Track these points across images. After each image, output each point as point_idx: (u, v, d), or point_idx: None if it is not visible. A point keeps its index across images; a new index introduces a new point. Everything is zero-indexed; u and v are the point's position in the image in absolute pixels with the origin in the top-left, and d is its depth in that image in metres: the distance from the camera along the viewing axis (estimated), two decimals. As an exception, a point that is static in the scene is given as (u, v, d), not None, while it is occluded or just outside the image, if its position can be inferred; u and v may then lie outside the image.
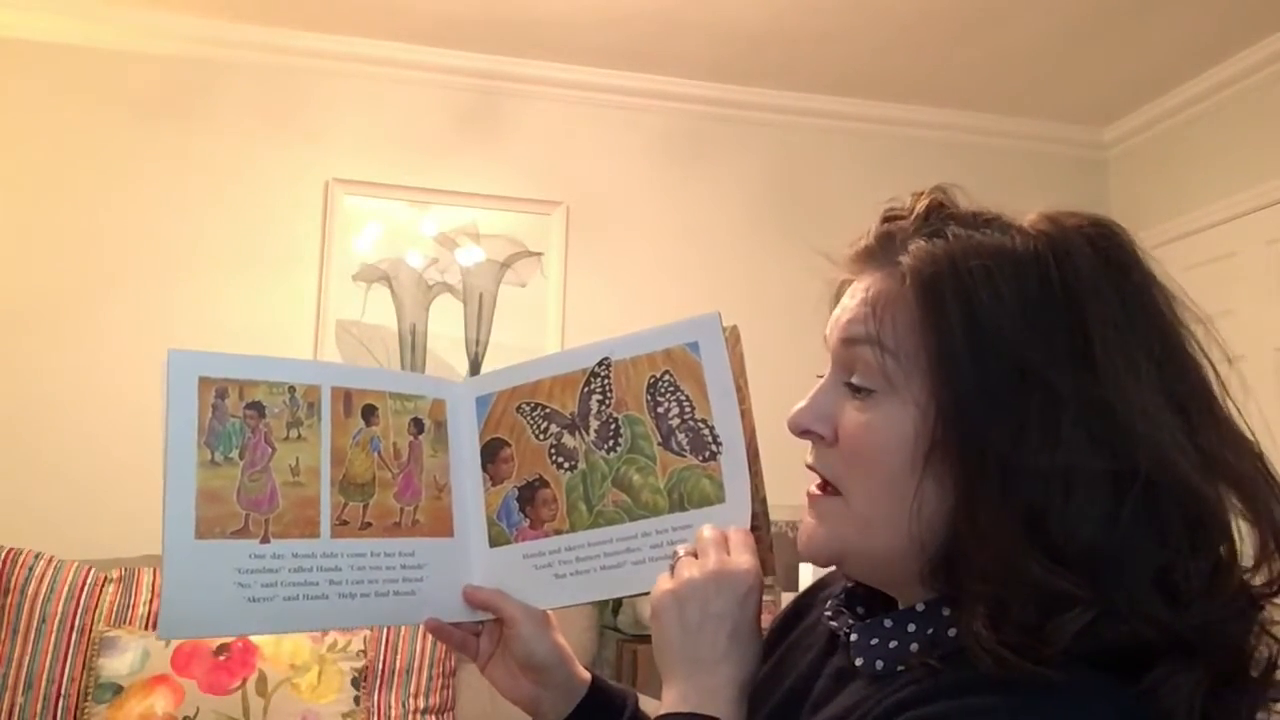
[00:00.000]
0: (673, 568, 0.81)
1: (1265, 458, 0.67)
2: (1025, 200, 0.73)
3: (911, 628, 0.70)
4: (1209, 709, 0.60)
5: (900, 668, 0.69)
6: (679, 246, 3.29)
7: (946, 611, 0.68)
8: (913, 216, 0.73)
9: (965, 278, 0.67)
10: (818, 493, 0.75)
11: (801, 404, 0.75)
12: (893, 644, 0.71)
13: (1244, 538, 0.65)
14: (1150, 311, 0.68)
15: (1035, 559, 0.62)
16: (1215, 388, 0.68)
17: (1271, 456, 0.68)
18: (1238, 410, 0.68)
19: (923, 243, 0.70)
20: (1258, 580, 0.65)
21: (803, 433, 0.75)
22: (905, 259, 0.70)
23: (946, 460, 0.66)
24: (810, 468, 0.76)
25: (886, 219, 0.75)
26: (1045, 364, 0.64)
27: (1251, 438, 0.68)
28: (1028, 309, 0.65)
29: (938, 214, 0.73)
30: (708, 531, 0.83)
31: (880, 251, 0.73)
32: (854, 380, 0.72)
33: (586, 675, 0.98)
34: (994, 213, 0.73)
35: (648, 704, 1.03)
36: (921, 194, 0.75)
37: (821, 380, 0.75)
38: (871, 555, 0.72)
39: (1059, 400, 0.63)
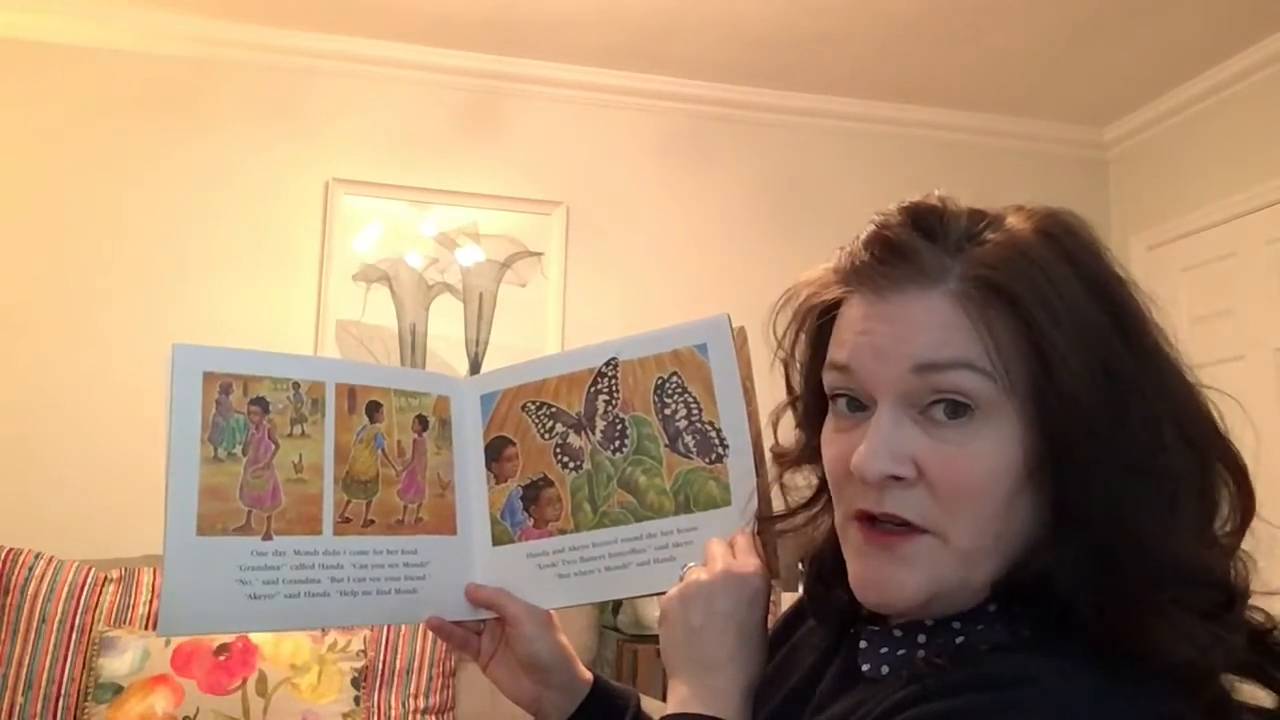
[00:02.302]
0: (682, 578, 0.81)
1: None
2: (1027, 201, 0.72)
3: (921, 638, 0.70)
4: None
5: (904, 672, 0.69)
6: (679, 246, 3.29)
7: (957, 625, 0.68)
8: (944, 221, 0.68)
9: (1039, 282, 0.64)
10: (893, 537, 0.67)
11: (865, 447, 0.66)
12: (901, 652, 0.71)
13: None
14: (1134, 294, 0.69)
15: (1195, 544, 0.63)
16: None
17: (1272, 456, 0.68)
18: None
19: (979, 250, 0.66)
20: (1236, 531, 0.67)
21: (882, 478, 0.66)
22: (977, 269, 0.65)
23: (1047, 472, 0.64)
24: (884, 514, 0.67)
25: (889, 226, 0.69)
26: (1118, 358, 0.64)
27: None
28: (1086, 305, 0.64)
29: (958, 216, 0.69)
30: (715, 543, 0.83)
31: (915, 263, 0.67)
32: (940, 413, 0.65)
33: (589, 675, 0.97)
34: (990, 212, 0.70)
35: (649, 704, 1.03)
36: (918, 201, 0.70)
37: (876, 416, 0.67)
38: (967, 589, 0.67)
39: (1141, 392, 0.64)
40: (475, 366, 3.10)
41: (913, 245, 0.67)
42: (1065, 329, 0.63)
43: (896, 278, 0.67)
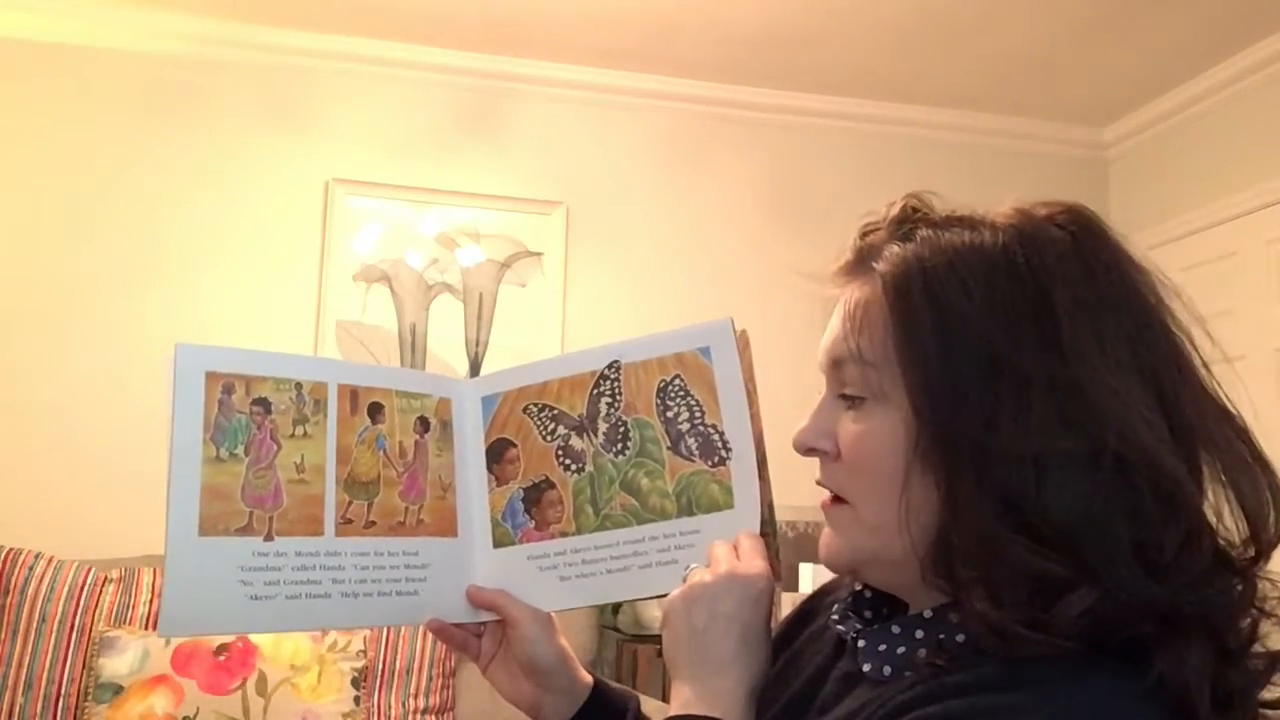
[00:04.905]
0: (685, 579, 0.81)
1: (1246, 427, 0.68)
2: (1026, 201, 0.74)
3: (919, 634, 0.70)
4: (1217, 691, 0.61)
5: (908, 672, 0.69)
6: (679, 246, 3.29)
7: (954, 617, 0.68)
8: (886, 224, 0.75)
9: (931, 275, 0.69)
10: (830, 503, 0.76)
11: (803, 424, 0.76)
12: (900, 649, 0.71)
13: (1231, 508, 0.66)
14: (1121, 288, 0.69)
15: (1016, 541, 0.63)
16: (1193, 358, 0.69)
17: (1272, 457, 0.68)
18: (1218, 385, 0.70)
19: (895, 248, 0.72)
20: (1250, 552, 0.65)
21: (807, 450, 0.76)
22: (878, 265, 0.72)
23: (930, 456, 0.67)
24: (819, 484, 0.77)
25: (864, 233, 0.77)
26: (1012, 350, 0.65)
27: (1233, 409, 0.69)
28: (994, 299, 0.67)
29: (910, 219, 0.74)
30: (718, 545, 0.84)
31: (859, 263, 0.75)
32: (846, 391, 0.74)
33: (589, 678, 0.97)
34: (966, 212, 0.74)
35: (650, 707, 1.03)
36: (895, 202, 0.76)
37: (820, 398, 0.77)
38: (889, 561, 0.72)
39: (1028, 384, 0.65)
40: (475, 367, 3.10)
41: (859, 244, 0.76)
42: (937, 320, 0.67)
43: (852, 269, 0.76)
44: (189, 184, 2.98)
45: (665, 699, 0.79)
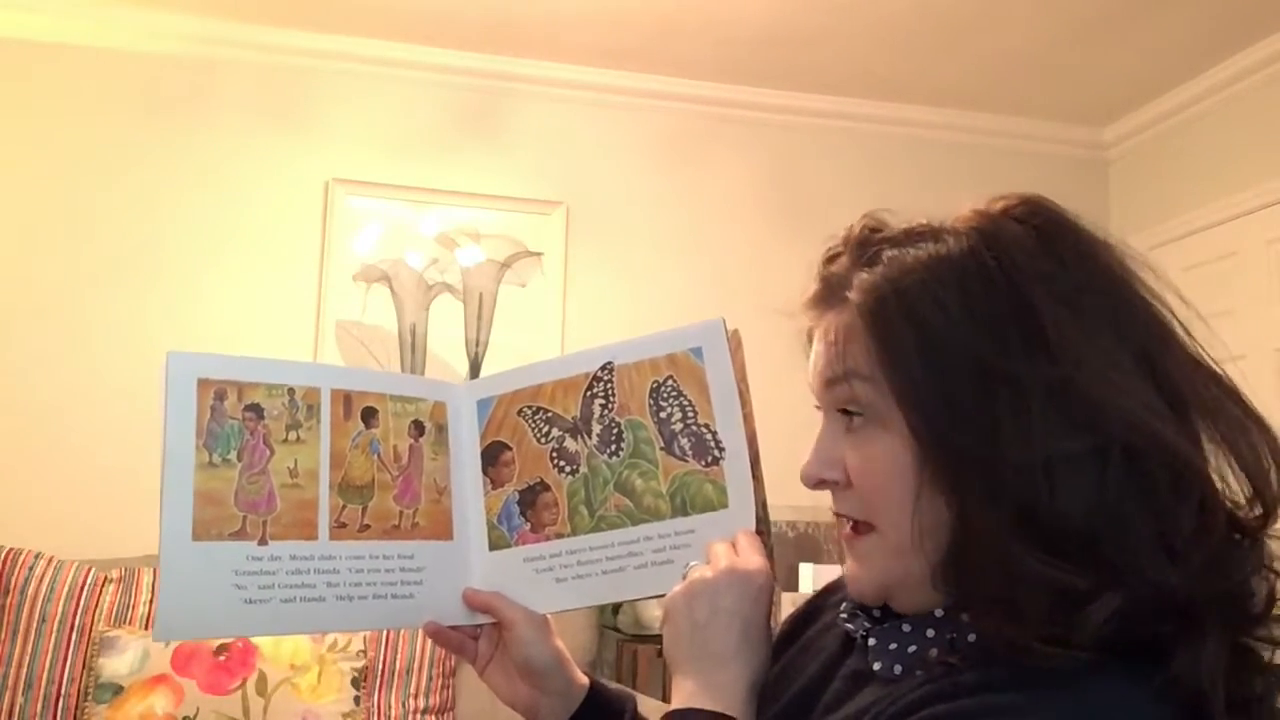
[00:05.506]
0: (685, 576, 0.82)
1: (1235, 386, 0.68)
2: None
3: (930, 633, 0.70)
4: (1230, 680, 0.61)
5: (919, 671, 0.69)
6: (679, 246, 3.29)
7: (965, 617, 0.68)
8: (848, 249, 0.74)
9: (906, 297, 0.68)
10: (852, 534, 0.75)
11: (807, 457, 0.75)
12: (912, 648, 0.71)
13: (1230, 473, 0.66)
14: (1094, 271, 0.69)
15: (1032, 555, 0.62)
16: (1173, 325, 0.69)
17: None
18: (1201, 347, 0.69)
19: (864, 274, 0.71)
20: (1253, 514, 0.65)
21: (817, 483, 0.75)
22: (851, 294, 0.71)
23: (937, 476, 0.67)
24: (837, 514, 0.76)
25: (827, 259, 0.76)
26: (1002, 358, 0.65)
27: (1219, 369, 0.69)
28: (973, 309, 0.66)
29: (871, 241, 0.74)
30: (718, 542, 0.84)
31: (829, 294, 0.74)
32: (848, 406, 0.72)
33: (585, 680, 0.97)
34: (925, 223, 0.73)
35: (647, 706, 1.03)
36: (852, 225, 0.76)
37: (819, 429, 0.76)
38: (917, 579, 0.70)
39: (1024, 390, 0.64)
40: (475, 367, 3.10)
41: (824, 275, 0.75)
42: (921, 341, 0.67)
43: (824, 299, 0.75)
44: (189, 184, 2.98)
45: (666, 698, 0.79)
